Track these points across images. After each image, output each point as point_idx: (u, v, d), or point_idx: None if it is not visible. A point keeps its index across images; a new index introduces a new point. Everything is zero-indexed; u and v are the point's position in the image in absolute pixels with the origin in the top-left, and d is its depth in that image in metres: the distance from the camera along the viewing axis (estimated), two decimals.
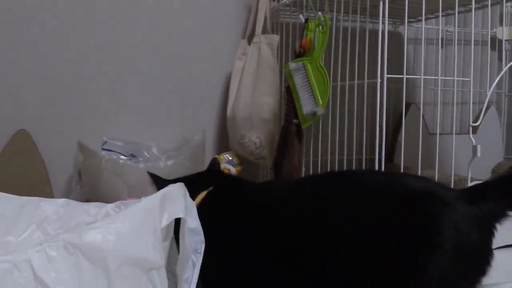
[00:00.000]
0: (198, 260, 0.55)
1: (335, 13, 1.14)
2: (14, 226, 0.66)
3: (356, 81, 1.06)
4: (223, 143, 1.45)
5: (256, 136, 1.29)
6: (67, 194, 1.28)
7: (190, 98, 1.43)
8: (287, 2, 1.29)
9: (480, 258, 0.65)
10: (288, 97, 1.15)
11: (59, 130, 1.30)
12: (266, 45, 1.31)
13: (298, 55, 1.14)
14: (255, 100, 1.29)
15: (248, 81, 1.32)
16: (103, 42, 1.34)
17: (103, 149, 1.20)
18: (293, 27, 1.32)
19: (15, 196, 0.67)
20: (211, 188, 0.81)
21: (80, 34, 1.32)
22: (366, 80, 1.05)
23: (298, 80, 1.11)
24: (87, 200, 1.22)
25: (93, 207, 0.69)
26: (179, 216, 0.51)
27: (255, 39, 1.34)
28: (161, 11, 1.39)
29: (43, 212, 0.68)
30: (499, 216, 0.66)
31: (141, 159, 1.18)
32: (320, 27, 1.09)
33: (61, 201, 0.69)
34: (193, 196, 0.78)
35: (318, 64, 1.08)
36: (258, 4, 1.35)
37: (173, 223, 0.54)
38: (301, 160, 1.14)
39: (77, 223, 0.69)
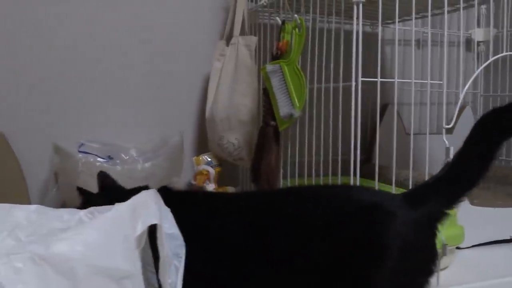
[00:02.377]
0: (181, 264, 0.55)
1: (311, 15, 1.14)
2: None
3: (331, 84, 1.07)
4: (202, 144, 1.44)
5: (235, 138, 1.29)
6: (43, 196, 1.26)
7: (168, 99, 1.43)
8: (265, 3, 1.29)
9: (426, 260, 0.67)
10: (266, 99, 1.15)
11: (34, 131, 1.28)
12: (244, 46, 1.31)
13: (275, 57, 1.14)
14: (233, 102, 1.30)
15: (226, 82, 1.33)
16: (78, 42, 1.33)
17: (79, 151, 1.19)
18: (271, 28, 1.32)
19: None
20: None
21: (56, 33, 1.30)
22: (341, 84, 1.06)
23: (275, 82, 1.11)
24: (64, 203, 1.21)
25: (65, 214, 0.68)
26: (153, 223, 0.51)
27: (233, 40, 1.34)
28: (136, 11, 1.38)
29: (14, 218, 0.67)
30: (438, 216, 0.68)
31: (118, 161, 1.17)
32: (297, 29, 1.09)
33: (33, 207, 0.69)
34: None
35: (295, 67, 1.09)
36: (236, 5, 1.36)
37: (145, 231, 0.54)
38: (278, 162, 1.14)
39: (49, 229, 0.68)
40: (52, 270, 0.41)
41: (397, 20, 1.01)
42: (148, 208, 0.52)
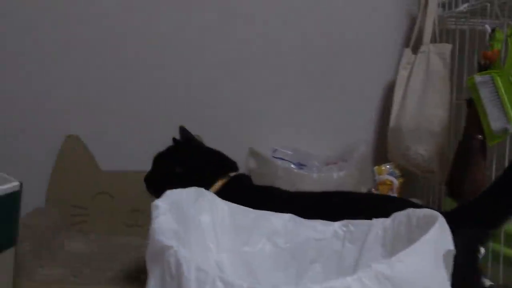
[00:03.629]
0: None
1: None
2: (249, 237, 0.71)
3: None
4: (380, 153, 1.42)
5: (424, 149, 1.25)
6: None
7: (348, 107, 1.43)
8: (464, 9, 1.23)
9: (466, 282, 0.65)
10: (470, 111, 1.10)
11: (228, 135, 1.37)
12: (436, 54, 1.27)
13: (483, 68, 1.08)
14: (423, 112, 1.26)
15: (414, 91, 1.29)
16: (269, 52, 1.39)
17: (273, 157, 1.24)
18: (471, 35, 1.25)
19: (249, 209, 0.71)
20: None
21: (244, 44, 1.38)
22: None
23: (485, 94, 1.05)
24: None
25: (319, 224, 0.71)
26: (451, 249, 0.51)
27: (422, 48, 1.30)
28: (319, 19, 1.40)
29: (273, 225, 0.72)
30: (482, 237, 0.70)
31: (314, 168, 1.20)
32: None
33: (287, 216, 0.73)
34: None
35: (511, 77, 1.02)
36: (425, 12, 1.31)
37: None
38: (485, 178, 1.08)
39: (305, 238, 0.71)
40: None
41: None
42: (446, 232, 0.51)
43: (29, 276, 1.00)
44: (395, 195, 1.30)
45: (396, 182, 1.30)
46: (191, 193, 0.64)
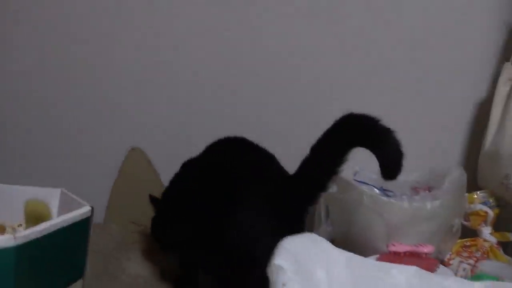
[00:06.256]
0: None
1: None
2: None
3: None
4: (468, 179, 1.27)
5: None
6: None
7: (435, 126, 1.29)
8: None
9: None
10: None
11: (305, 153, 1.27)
12: None
13: None
14: None
15: None
16: (353, 68, 1.29)
17: (355, 180, 1.11)
18: None
19: (367, 259, 0.60)
20: None
21: (329, 62, 1.28)
22: None
23: None
24: (332, 241, 1.14)
25: (452, 282, 0.59)
26: None
27: None
28: (408, 32, 1.27)
29: (394, 280, 0.60)
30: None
31: (404, 196, 1.07)
32: None
33: (413, 269, 0.60)
34: None
35: None
36: None
37: None
38: None
39: None
40: None
41: None
42: None
43: None
44: (489, 228, 1.15)
45: (491, 213, 1.16)
46: (305, 241, 0.53)
